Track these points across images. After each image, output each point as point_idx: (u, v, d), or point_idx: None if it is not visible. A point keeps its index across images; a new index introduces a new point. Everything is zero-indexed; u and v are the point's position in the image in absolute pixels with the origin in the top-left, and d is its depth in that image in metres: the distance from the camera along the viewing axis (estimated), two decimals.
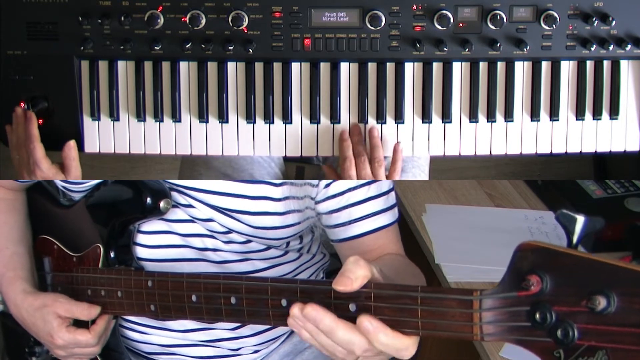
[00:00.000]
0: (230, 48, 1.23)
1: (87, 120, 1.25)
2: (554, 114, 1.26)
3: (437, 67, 1.25)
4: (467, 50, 1.23)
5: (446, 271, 1.49)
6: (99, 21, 1.22)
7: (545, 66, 1.26)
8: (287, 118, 1.25)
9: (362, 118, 1.25)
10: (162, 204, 1.10)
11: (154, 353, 1.25)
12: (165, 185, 1.12)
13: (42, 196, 1.27)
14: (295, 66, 1.25)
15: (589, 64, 1.26)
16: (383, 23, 1.22)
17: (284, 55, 1.24)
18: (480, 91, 1.25)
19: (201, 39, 1.23)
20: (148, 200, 1.09)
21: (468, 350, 1.48)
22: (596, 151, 1.29)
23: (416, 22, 1.23)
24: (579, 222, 0.65)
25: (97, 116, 1.25)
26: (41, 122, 1.20)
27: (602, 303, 0.60)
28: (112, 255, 1.14)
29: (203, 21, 1.21)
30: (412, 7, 1.22)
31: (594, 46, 1.24)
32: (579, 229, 0.65)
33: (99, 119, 1.25)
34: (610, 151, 1.29)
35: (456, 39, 1.24)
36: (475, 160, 2.40)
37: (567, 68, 1.26)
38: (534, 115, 1.26)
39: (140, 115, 1.25)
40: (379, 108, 1.25)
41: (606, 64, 1.26)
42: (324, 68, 1.25)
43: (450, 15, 1.21)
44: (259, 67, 1.25)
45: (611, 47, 1.24)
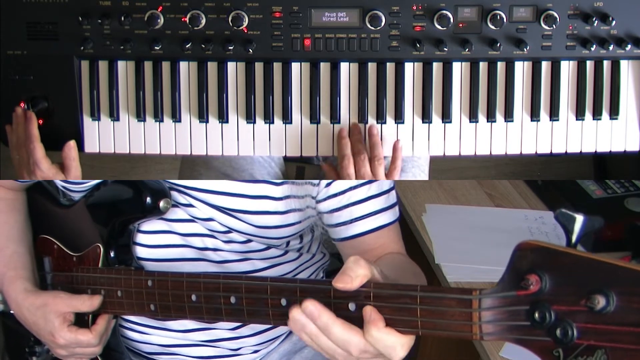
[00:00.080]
0: (230, 48, 1.23)
1: (87, 120, 1.26)
2: (554, 114, 1.26)
3: (437, 67, 1.25)
4: (467, 50, 1.23)
5: (446, 271, 1.49)
6: (99, 21, 1.22)
7: (545, 66, 1.26)
8: (287, 118, 1.25)
9: (362, 118, 1.25)
10: (162, 204, 1.10)
11: (154, 353, 1.25)
12: (165, 184, 1.12)
13: (42, 196, 1.27)
14: (295, 66, 1.25)
15: (589, 64, 1.26)
16: (383, 23, 1.22)
17: (284, 55, 1.24)
18: (480, 91, 1.25)
19: (201, 39, 1.23)
20: (148, 199, 1.09)
21: (468, 350, 1.48)
22: (596, 151, 1.29)
23: (416, 22, 1.23)
24: (578, 222, 0.65)
25: (97, 116, 1.25)
26: (41, 122, 1.21)
27: (601, 302, 0.60)
28: (112, 254, 1.14)
29: (203, 21, 1.21)
30: (412, 7, 1.22)
31: (594, 46, 1.24)
32: (578, 228, 0.65)
33: (99, 119, 1.25)
34: (610, 151, 1.29)
35: (456, 39, 1.24)
36: (475, 160, 2.40)
37: (567, 68, 1.26)
38: (534, 115, 1.26)
39: (140, 115, 1.25)
40: (379, 108, 1.25)
41: (606, 64, 1.26)
42: (324, 68, 1.25)
43: (450, 15, 1.22)
44: (259, 67, 1.25)
45: (611, 47, 1.24)
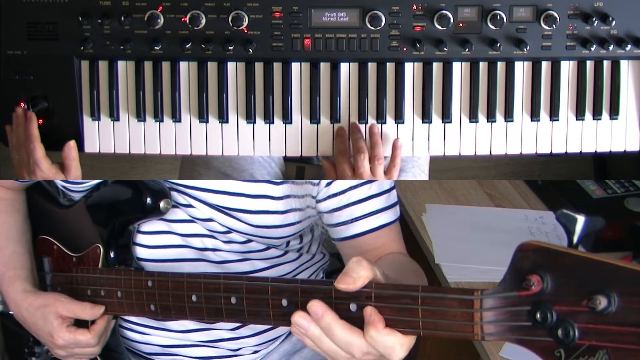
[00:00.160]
0: (230, 48, 1.23)
1: (87, 120, 1.25)
2: (554, 114, 1.26)
3: (437, 67, 1.25)
4: (467, 50, 1.23)
5: (446, 271, 1.49)
6: (99, 21, 1.22)
7: (545, 66, 1.26)
8: (287, 118, 1.25)
9: (362, 118, 1.25)
10: (162, 204, 1.09)
11: (154, 353, 1.25)
12: (165, 185, 1.11)
13: (42, 196, 1.27)
14: (295, 66, 1.25)
15: (589, 64, 1.26)
16: (383, 23, 1.22)
17: (284, 55, 1.24)
18: (480, 91, 1.25)
19: (201, 39, 1.22)
20: (148, 200, 1.09)
21: (468, 350, 1.48)
22: (596, 151, 1.29)
23: (416, 22, 1.23)
24: (580, 222, 0.65)
25: (97, 116, 1.25)
26: (41, 122, 1.20)
27: (603, 302, 0.60)
28: (112, 255, 1.14)
29: (203, 21, 1.21)
30: (412, 7, 1.22)
31: (594, 46, 1.24)
32: (580, 229, 0.65)
33: (99, 119, 1.25)
34: (610, 151, 1.29)
35: (456, 39, 1.24)
36: (475, 160, 2.40)
37: (567, 68, 1.26)
38: (534, 115, 1.26)
39: (140, 115, 1.25)
40: (379, 108, 1.25)
41: (606, 64, 1.26)
42: (324, 68, 1.25)
43: (450, 15, 1.21)
44: (259, 67, 1.25)
45: (611, 47, 1.24)
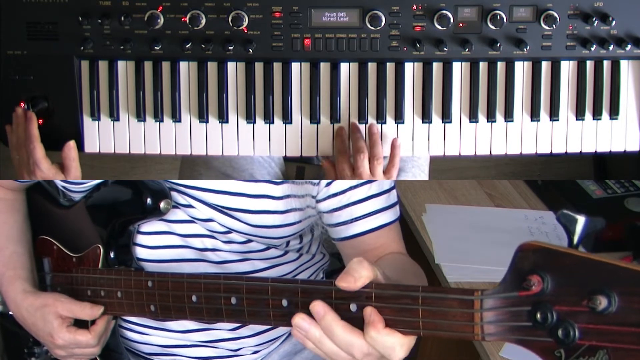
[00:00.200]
0: (230, 48, 1.23)
1: (87, 120, 1.25)
2: (554, 114, 1.26)
3: (437, 67, 1.25)
4: (467, 50, 1.23)
5: (446, 271, 1.49)
6: (99, 21, 1.22)
7: (545, 66, 1.26)
8: (287, 118, 1.25)
9: (362, 118, 1.25)
10: (163, 205, 1.09)
11: (154, 354, 1.24)
12: (165, 185, 1.11)
13: (42, 196, 1.27)
14: (295, 66, 1.25)
15: (589, 64, 1.26)
16: (383, 23, 1.22)
17: (284, 55, 1.24)
18: (480, 91, 1.25)
19: (201, 39, 1.22)
20: (148, 200, 1.09)
21: (468, 350, 1.48)
22: (596, 151, 1.29)
23: (416, 22, 1.23)
24: (580, 223, 0.65)
25: (97, 116, 1.25)
26: (41, 122, 1.20)
27: (603, 303, 0.60)
28: (112, 255, 1.14)
29: (203, 21, 1.21)
30: (412, 7, 1.22)
31: (594, 46, 1.24)
32: (580, 229, 0.65)
33: (99, 119, 1.25)
34: (610, 151, 1.29)
35: (456, 39, 1.23)
36: (475, 160, 2.40)
37: (567, 68, 1.26)
38: (534, 115, 1.26)
39: (140, 115, 1.25)
40: (379, 108, 1.25)
41: (606, 64, 1.26)
42: (324, 68, 1.25)
43: (450, 15, 1.21)
44: (259, 67, 1.25)
45: (611, 47, 1.24)
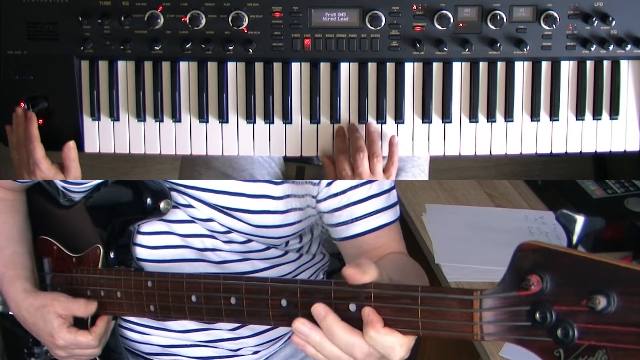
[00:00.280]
0: (230, 48, 1.23)
1: (87, 120, 1.25)
2: (554, 114, 1.26)
3: (437, 67, 1.25)
4: (467, 50, 1.23)
5: (446, 271, 1.49)
6: (99, 21, 1.22)
7: (545, 66, 1.26)
8: (287, 118, 1.25)
9: (362, 118, 1.25)
10: (163, 205, 1.09)
11: (154, 353, 1.24)
12: (165, 185, 1.11)
13: (42, 197, 1.27)
14: (295, 66, 1.25)
15: (589, 64, 1.26)
16: (383, 23, 1.22)
17: (284, 55, 1.24)
18: (480, 91, 1.25)
19: (201, 39, 1.22)
20: (148, 200, 1.09)
21: (468, 350, 1.48)
22: (596, 151, 1.29)
23: (416, 22, 1.23)
24: (579, 222, 0.65)
25: (97, 116, 1.25)
26: (41, 122, 1.20)
27: (602, 302, 0.60)
28: (112, 255, 1.14)
29: (203, 21, 1.21)
30: (412, 7, 1.22)
31: (594, 46, 1.24)
32: (579, 229, 0.65)
33: (99, 119, 1.25)
34: (610, 151, 1.29)
35: (456, 39, 1.23)
36: (475, 160, 2.40)
37: (567, 68, 1.26)
38: (534, 115, 1.26)
39: (140, 115, 1.25)
40: (379, 108, 1.25)
41: (606, 64, 1.26)
42: (324, 68, 1.25)
43: (450, 15, 1.21)
44: (259, 67, 1.25)
45: (611, 47, 1.24)
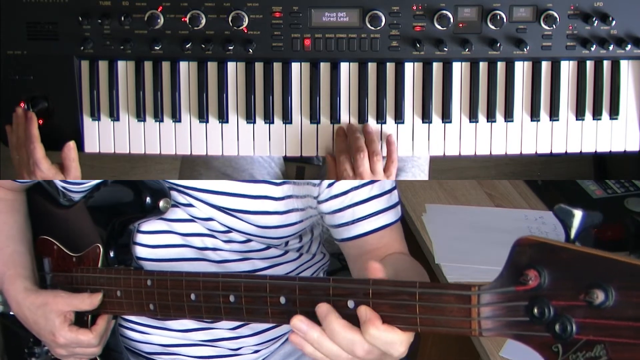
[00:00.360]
0: (230, 48, 1.23)
1: (87, 120, 1.26)
2: (554, 114, 1.26)
3: (437, 67, 1.25)
4: (467, 50, 1.23)
5: (446, 271, 1.49)
6: (99, 21, 1.22)
7: (545, 66, 1.26)
8: (287, 118, 1.25)
9: (362, 118, 1.25)
10: (162, 203, 1.10)
11: (154, 353, 1.24)
12: (164, 184, 1.12)
13: (42, 196, 1.27)
14: (295, 66, 1.25)
15: (589, 64, 1.26)
16: (383, 23, 1.22)
17: (284, 55, 1.24)
18: (480, 91, 1.25)
19: (201, 39, 1.23)
20: (147, 199, 1.09)
21: (468, 349, 1.48)
22: (596, 151, 1.29)
23: (416, 22, 1.23)
24: (577, 217, 0.65)
25: (97, 116, 1.25)
26: (41, 122, 1.21)
27: (600, 297, 0.60)
28: (112, 255, 1.14)
29: (203, 21, 1.21)
30: (412, 7, 1.22)
31: (594, 46, 1.24)
32: (577, 224, 0.65)
33: (99, 119, 1.25)
34: (610, 151, 1.29)
35: (456, 39, 1.24)
36: (475, 160, 2.40)
37: (567, 68, 1.26)
38: (534, 115, 1.26)
39: (140, 115, 1.25)
40: (379, 108, 1.25)
41: (606, 64, 1.26)
42: (324, 68, 1.25)
43: (450, 15, 1.22)
44: (259, 67, 1.25)
45: (611, 47, 1.24)
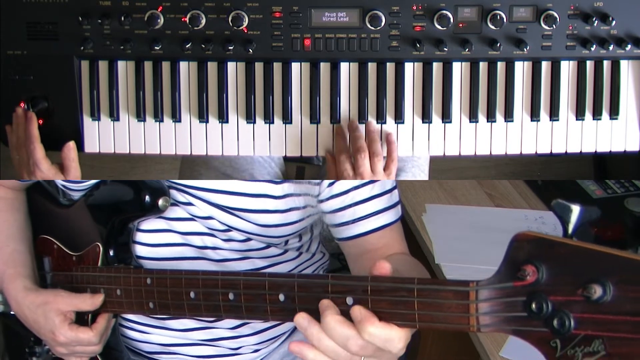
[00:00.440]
0: (230, 48, 1.23)
1: (87, 120, 1.26)
2: (554, 114, 1.26)
3: (437, 67, 1.25)
4: (467, 50, 1.23)
5: (446, 271, 1.49)
6: (99, 21, 1.22)
7: (545, 66, 1.26)
8: (287, 118, 1.25)
9: (362, 118, 1.25)
10: (161, 202, 1.10)
11: (154, 352, 1.24)
12: (163, 183, 1.12)
13: (42, 196, 1.27)
14: (295, 66, 1.25)
15: (589, 64, 1.26)
16: (383, 23, 1.22)
17: (284, 55, 1.24)
18: (480, 91, 1.25)
19: (201, 39, 1.23)
20: (147, 198, 1.09)
21: (468, 349, 1.48)
22: (596, 151, 1.29)
23: (416, 22, 1.23)
24: (575, 212, 0.65)
25: (97, 116, 1.25)
26: (41, 122, 1.21)
27: (598, 292, 0.60)
28: (112, 253, 1.14)
29: (203, 21, 1.21)
30: (412, 7, 1.22)
31: (594, 46, 1.24)
32: (575, 219, 0.65)
33: (99, 119, 1.26)
34: (610, 151, 1.29)
35: (456, 39, 1.24)
36: (475, 160, 2.40)
37: (567, 68, 1.26)
38: (534, 115, 1.26)
39: (140, 115, 1.25)
40: (379, 108, 1.25)
41: (606, 64, 1.26)
42: (324, 68, 1.25)
43: (450, 15, 1.22)
44: (259, 67, 1.25)
45: (611, 47, 1.24)
